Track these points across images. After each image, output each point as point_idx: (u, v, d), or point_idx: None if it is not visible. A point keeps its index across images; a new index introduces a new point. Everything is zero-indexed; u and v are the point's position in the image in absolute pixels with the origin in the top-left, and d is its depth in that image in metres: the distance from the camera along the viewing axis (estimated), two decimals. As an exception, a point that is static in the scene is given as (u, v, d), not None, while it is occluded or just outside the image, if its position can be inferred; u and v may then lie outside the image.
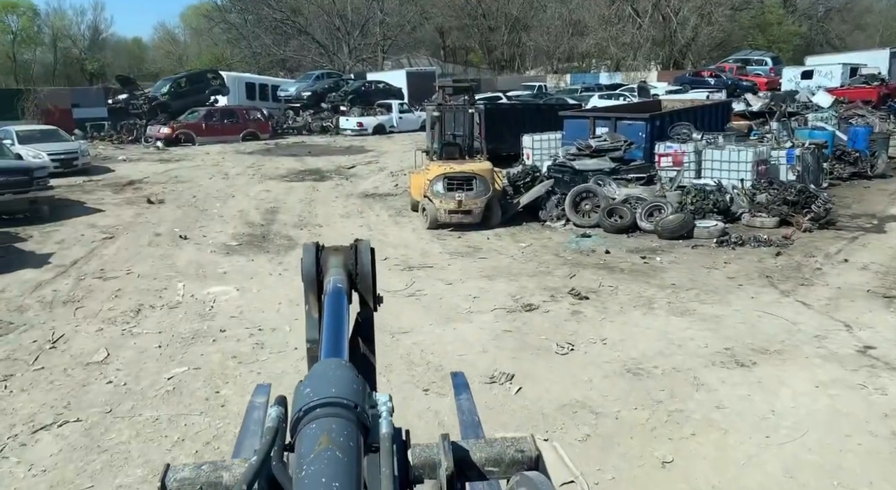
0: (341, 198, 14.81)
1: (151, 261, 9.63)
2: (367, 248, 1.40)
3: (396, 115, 30.05)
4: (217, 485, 0.93)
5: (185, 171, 18.70)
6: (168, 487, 0.92)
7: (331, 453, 0.76)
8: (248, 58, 51.78)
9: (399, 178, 17.39)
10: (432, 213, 11.24)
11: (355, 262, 1.39)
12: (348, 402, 0.84)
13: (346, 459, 0.76)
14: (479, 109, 11.91)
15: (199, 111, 26.13)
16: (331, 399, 0.83)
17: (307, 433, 0.80)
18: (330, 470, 0.74)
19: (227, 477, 0.94)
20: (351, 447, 0.78)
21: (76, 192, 15.26)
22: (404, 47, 50.91)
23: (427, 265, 9.29)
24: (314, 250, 1.37)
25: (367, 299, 1.39)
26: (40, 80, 58.19)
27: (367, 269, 1.38)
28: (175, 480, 0.93)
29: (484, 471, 0.98)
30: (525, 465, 0.98)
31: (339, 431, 0.79)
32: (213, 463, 0.97)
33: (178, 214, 12.94)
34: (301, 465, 0.75)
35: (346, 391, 0.85)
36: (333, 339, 1.13)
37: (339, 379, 0.88)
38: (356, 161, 20.80)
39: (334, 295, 1.25)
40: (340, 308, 1.21)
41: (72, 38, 69.77)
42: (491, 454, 0.99)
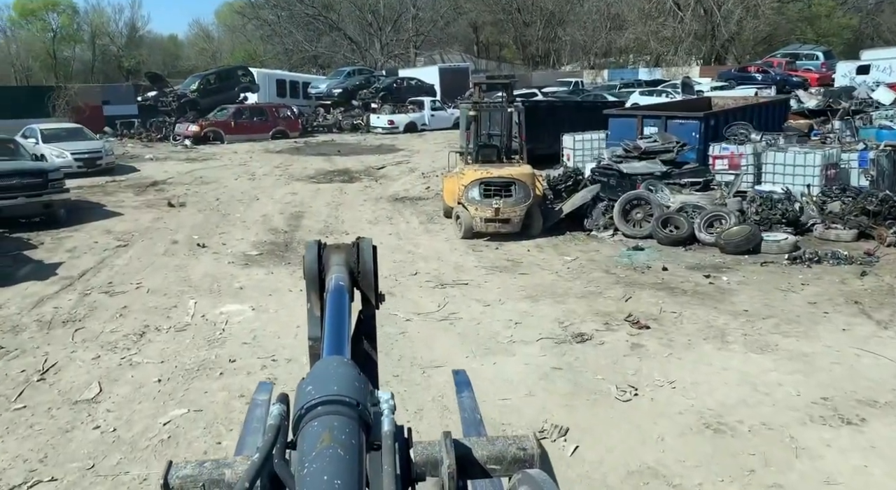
0: (370, 201, 13.98)
1: (164, 273, 8.91)
2: (369, 246, 1.38)
3: (428, 112, 29.18)
4: (219, 482, 0.95)
5: (211, 172, 18.10)
6: (171, 485, 0.94)
7: (333, 451, 0.76)
8: (280, 54, 51.49)
9: (431, 179, 16.51)
10: (467, 221, 10.32)
11: (357, 259, 1.37)
12: (350, 399, 0.84)
13: (348, 457, 0.76)
14: (518, 108, 10.93)
15: (229, 109, 25.62)
16: (333, 397, 0.83)
17: (309, 431, 0.81)
18: (332, 467, 0.74)
19: (230, 474, 0.96)
20: (353, 445, 0.79)
21: (97, 194, 14.73)
22: (437, 43, 50.02)
23: (461, 282, 8.37)
24: (316, 248, 1.37)
25: (369, 297, 1.37)
26: (79, 78, 58.89)
27: (369, 267, 1.36)
28: (178, 478, 0.95)
29: (486, 469, 0.99)
30: (527, 462, 0.98)
31: (340, 429, 0.80)
32: (215, 460, 0.99)
33: (198, 219, 12.25)
34: (303, 463, 0.76)
35: (347, 389, 0.86)
36: (335, 337, 1.13)
37: (341, 377, 0.88)
38: (386, 161, 19.98)
39: (336, 293, 1.24)
40: (342, 306, 1.21)
41: (110, 36, 70.56)
42: (493, 452, 0.99)
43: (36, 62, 64.46)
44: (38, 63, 64.72)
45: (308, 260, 1.36)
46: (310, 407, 0.83)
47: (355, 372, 0.91)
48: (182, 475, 0.95)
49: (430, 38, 48.90)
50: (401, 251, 9.94)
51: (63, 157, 16.57)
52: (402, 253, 9.83)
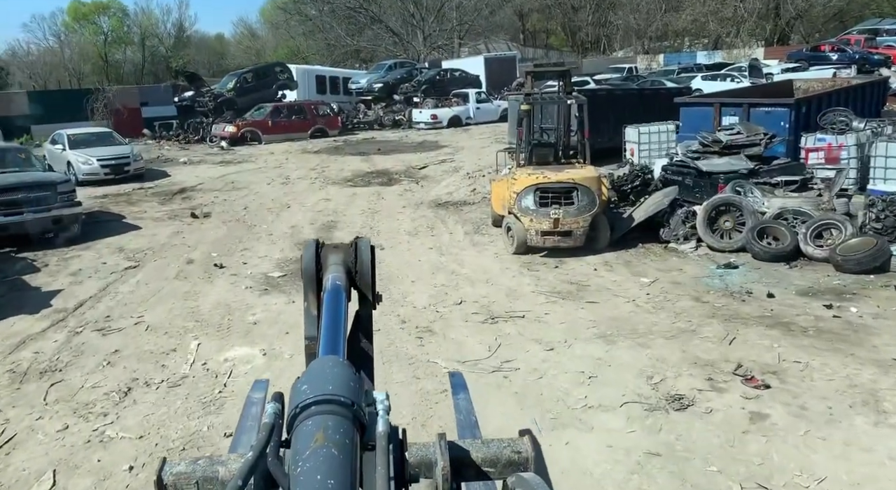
0: (409, 207, 12.59)
1: (172, 302, 7.71)
2: (366, 246, 1.35)
3: (473, 105, 27.62)
4: (213, 479, 0.95)
5: (244, 176, 17.04)
6: (164, 481, 0.93)
7: (326, 450, 0.76)
8: (322, 50, 50.67)
9: (477, 180, 15.01)
10: (520, 234, 8.80)
11: (355, 259, 1.34)
12: (345, 399, 0.83)
13: (342, 457, 0.76)
14: (579, 100, 9.30)
15: (266, 107, 24.65)
16: (327, 396, 0.83)
17: (303, 430, 0.80)
18: (325, 467, 0.74)
19: (223, 472, 0.95)
20: (347, 445, 0.79)
21: (120, 203, 13.79)
22: (481, 32, 48.24)
23: (516, 313, 6.88)
24: (314, 247, 1.35)
25: (367, 296, 1.36)
26: (130, 79, 59.62)
27: (366, 267, 1.34)
28: (171, 475, 0.94)
29: (480, 471, 0.99)
30: (521, 465, 0.99)
31: (335, 429, 0.80)
32: (209, 458, 0.98)
33: (220, 233, 11.09)
34: (297, 462, 0.75)
35: (342, 389, 0.85)
36: (331, 337, 1.13)
37: (336, 376, 0.88)
38: (428, 159, 18.56)
39: (333, 292, 1.24)
40: (339, 305, 1.22)
41: (158, 37, 71.41)
42: (487, 454, 0.99)
43: (88, 65, 65.75)
44: (90, 66, 66.01)
45: (305, 259, 1.32)
46: (304, 406, 0.82)
47: (351, 372, 0.91)
48: (176, 472, 0.94)
49: (475, 27, 47.11)
50: (443, 271, 8.50)
51: (89, 164, 15.77)
52: (445, 274, 8.39)
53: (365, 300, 1.37)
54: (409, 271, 8.60)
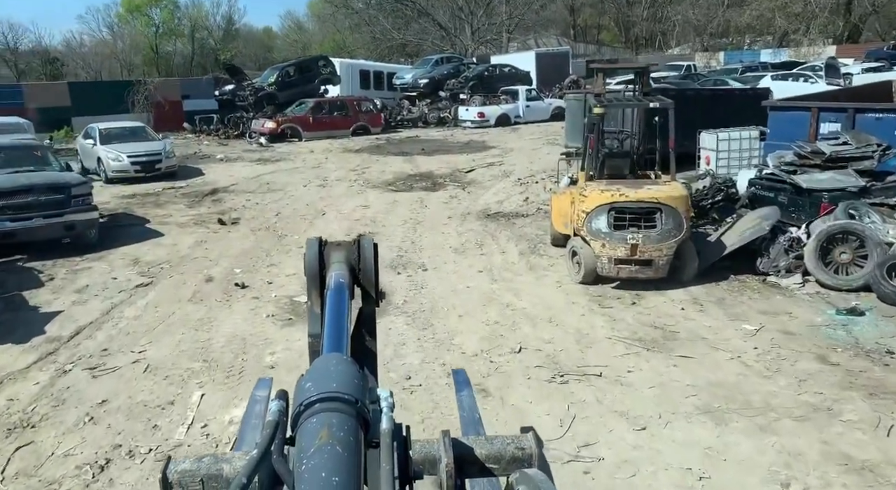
0: (455, 218, 11.30)
1: (181, 333, 6.61)
2: (370, 244, 1.36)
3: (523, 103, 26.18)
4: (218, 477, 0.96)
5: (280, 176, 16.04)
6: (169, 479, 0.95)
7: (331, 448, 0.76)
8: (367, 44, 49.78)
9: (529, 188, 13.65)
10: (589, 261, 7.42)
11: (358, 257, 1.35)
12: (349, 397, 0.83)
13: (347, 454, 0.76)
14: (665, 103, 7.82)
15: (307, 103, 23.71)
16: (331, 394, 0.83)
17: (308, 427, 0.80)
18: (330, 464, 0.74)
19: (228, 469, 0.97)
20: (351, 442, 0.79)
21: (146, 205, 12.89)
22: (531, 27, 46.58)
23: (591, 369, 5.53)
24: (317, 245, 1.36)
25: (370, 294, 1.37)
26: (179, 71, 59.99)
27: (369, 265, 1.35)
28: (176, 472, 0.96)
29: (484, 467, 0.99)
30: (525, 462, 0.99)
31: (339, 426, 0.79)
32: (213, 456, 1.00)
33: (247, 243, 10.01)
34: (301, 459, 0.76)
35: (346, 386, 0.85)
36: (335, 334, 1.13)
37: (340, 374, 0.88)
38: (476, 162, 17.25)
39: (336, 290, 1.25)
40: (342, 303, 1.21)
41: (208, 29, 71.94)
42: (491, 451, 1.00)
43: (138, 57, 66.55)
44: (141, 57, 66.81)
45: (309, 257, 1.34)
46: (308, 403, 0.83)
47: (354, 369, 0.91)
48: (181, 470, 0.95)
49: (525, 21, 45.51)
50: (496, 303, 7.19)
51: (119, 161, 14.98)
52: (499, 307, 7.07)
53: (368, 298, 1.37)
54: (455, 301, 7.32)
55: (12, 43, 66.36)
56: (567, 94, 15.62)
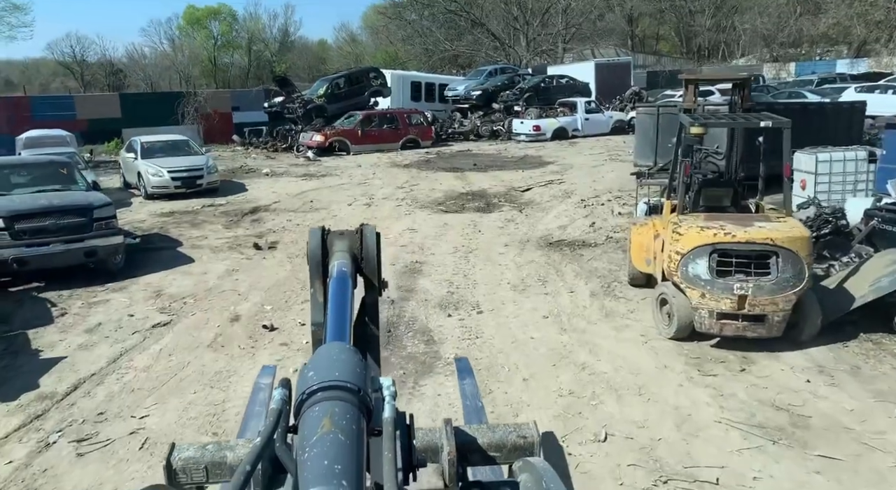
0: (513, 247, 10.06)
1: (192, 393, 5.58)
2: (372, 233, 1.38)
3: (582, 115, 24.79)
4: (221, 464, 0.99)
5: (325, 193, 15.13)
6: (173, 466, 0.98)
7: (333, 436, 0.76)
8: (419, 55, 49.16)
9: (595, 211, 12.30)
10: (684, 313, 6.07)
11: (360, 246, 1.36)
12: (351, 385, 0.83)
13: (349, 442, 0.76)
14: (779, 122, 6.38)
15: (356, 115, 22.92)
16: (333, 382, 0.83)
17: (310, 416, 0.80)
18: (332, 452, 0.74)
19: (231, 457, 0.99)
20: (353, 430, 0.78)
21: (182, 225, 12.10)
22: (589, 37, 45.02)
23: (702, 473, 4.20)
24: (320, 234, 1.39)
25: (373, 283, 1.36)
26: (236, 82, 60.84)
27: (372, 254, 1.35)
28: (180, 459, 0.99)
29: (486, 455, 1.01)
30: (527, 450, 1.01)
31: (341, 414, 0.79)
32: (217, 443, 1.04)
33: (282, 273, 9.01)
34: (304, 447, 0.76)
35: (348, 375, 0.85)
36: (338, 323, 1.13)
37: (343, 363, 0.88)
38: (532, 179, 15.98)
39: (339, 279, 1.26)
40: (345, 292, 1.22)
41: (264, 42, 73.02)
42: (493, 439, 1.02)
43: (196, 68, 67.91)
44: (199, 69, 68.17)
45: (312, 246, 1.36)
46: (311, 392, 0.82)
47: (357, 358, 0.90)
48: (185, 457, 0.97)
49: (582, 31, 44.03)
50: (569, 363, 5.91)
51: (159, 176, 14.32)
52: (573, 369, 5.80)
53: (371, 286, 1.38)
54: (518, 357, 6.08)
55: (79, 55, 68.80)
56: (638, 107, 14.20)
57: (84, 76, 66.97)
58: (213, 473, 0.98)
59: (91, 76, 67.61)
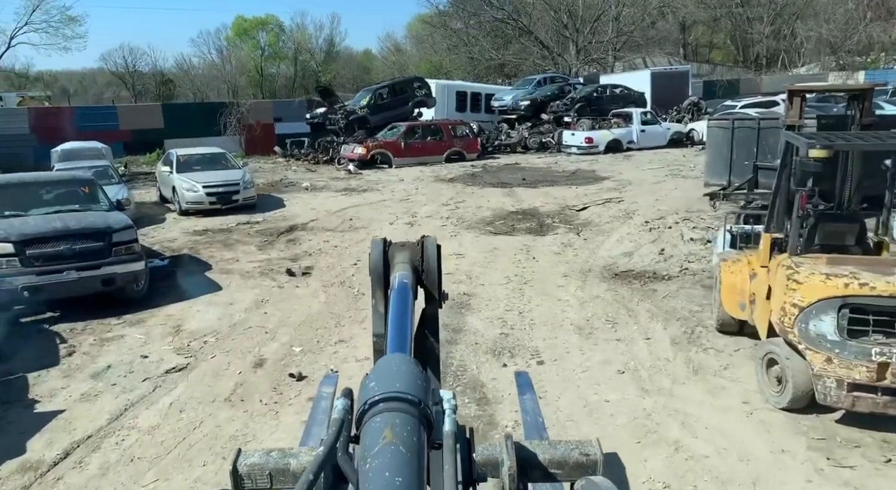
0: (573, 278, 8.94)
1: (202, 463, 4.65)
2: (433, 245, 1.37)
3: (637, 127, 23.48)
4: (285, 471, 1.00)
5: (365, 211, 14.28)
6: (239, 471, 1.00)
7: (394, 448, 0.75)
8: (464, 64, 48.33)
9: (662, 235, 11.08)
10: (802, 380, 4.86)
11: (421, 258, 1.35)
12: (412, 397, 0.83)
13: (410, 455, 0.76)
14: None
15: (399, 127, 22.11)
16: (395, 394, 0.82)
17: (372, 426, 0.80)
18: (393, 464, 0.73)
19: (295, 464, 1.01)
20: (414, 443, 0.78)
21: (214, 245, 11.36)
22: (642, 45, 43.43)
23: None
24: (382, 246, 1.38)
25: (433, 295, 1.36)
26: (282, 92, 61.27)
27: (433, 266, 1.35)
28: (246, 465, 1.01)
29: (547, 472, 1.00)
30: (589, 468, 0.99)
31: (402, 426, 0.79)
32: (281, 450, 1.05)
33: (316, 305, 8.10)
34: (365, 458, 0.75)
35: (410, 387, 0.84)
36: (399, 335, 1.13)
37: (404, 374, 0.87)
38: (588, 197, 14.81)
39: (400, 291, 1.25)
40: (406, 304, 1.22)
41: (310, 52, 73.60)
42: (555, 456, 1.00)
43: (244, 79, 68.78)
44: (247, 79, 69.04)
45: (374, 257, 1.35)
46: (373, 403, 0.82)
47: (418, 370, 0.90)
48: (250, 463, 0.99)
49: (633, 39, 42.49)
50: (658, 442, 4.76)
51: (194, 191, 13.69)
52: (664, 449, 4.65)
53: (431, 299, 1.37)
54: (591, 427, 4.97)
55: (131, 65, 70.47)
56: (710, 120, 12.87)
57: (135, 86, 68.57)
58: (276, 480, 0.98)
59: (142, 86, 69.17)
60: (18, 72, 54.75)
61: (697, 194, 14.26)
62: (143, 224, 13.20)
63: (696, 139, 24.41)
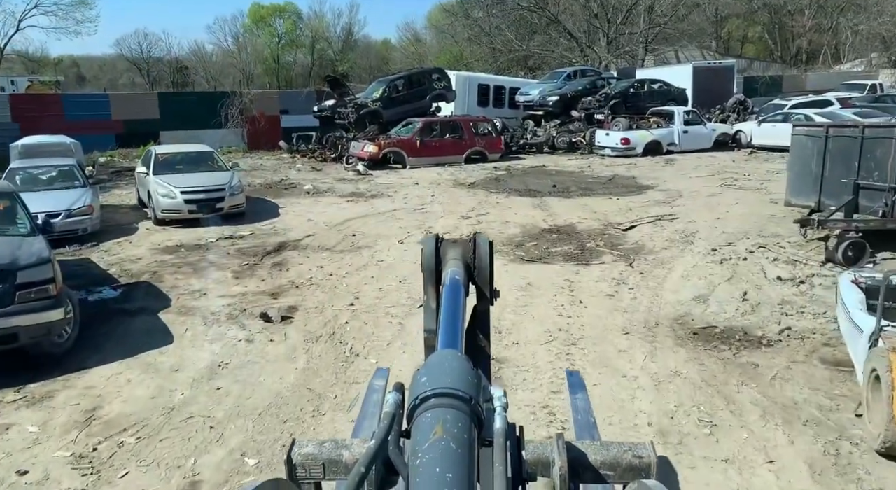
0: (636, 335, 6.72)
1: None
2: (485, 242, 1.38)
3: (679, 127, 21.08)
4: (337, 462, 1.00)
5: (372, 223, 12.15)
6: (294, 461, 1.02)
7: (445, 443, 0.76)
8: (486, 56, 45.91)
9: (738, 267, 8.86)
10: None
11: (474, 255, 1.36)
12: (463, 394, 0.83)
13: (460, 451, 0.76)
14: None
15: (415, 123, 19.90)
16: (446, 390, 0.83)
17: (423, 421, 0.81)
18: (444, 460, 0.74)
19: (347, 455, 1.00)
20: (465, 439, 0.78)
21: (183, 270, 9.29)
22: (678, 37, 40.69)
23: None
24: (434, 241, 1.38)
25: (485, 292, 1.36)
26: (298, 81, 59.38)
27: (485, 263, 1.36)
28: (300, 455, 1.02)
29: (599, 474, 0.96)
30: (643, 472, 0.96)
31: (453, 422, 0.79)
32: (334, 441, 1.04)
33: (291, 375, 5.95)
34: (416, 453, 0.77)
35: (461, 383, 0.85)
36: (450, 331, 1.14)
37: (455, 370, 0.88)
38: (633, 212, 12.57)
39: (452, 287, 1.26)
40: (457, 300, 1.22)
41: (328, 40, 72.04)
42: (607, 457, 0.97)
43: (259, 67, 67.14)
44: (262, 67, 67.38)
45: (426, 253, 1.36)
46: (424, 398, 0.83)
47: (469, 366, 0.90)
48: (304, 453, 1.00)
49: (665, 31, 39.79)
50: None
51: (170, 197, 11.62)
52: None
53: (483, 296, 1.37)
54: None
55: (146, 52, 69.01)
56: (795, 125, 10.48)
57: (150, 73, 67.12)
58: (329, 470, 0.99)
59: (157, 73, 67.71)
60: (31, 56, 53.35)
61: (766, 211, 11.98)
62: (108, 236, 11.19)
63: (743, 142, 21.99)
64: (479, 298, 1.37)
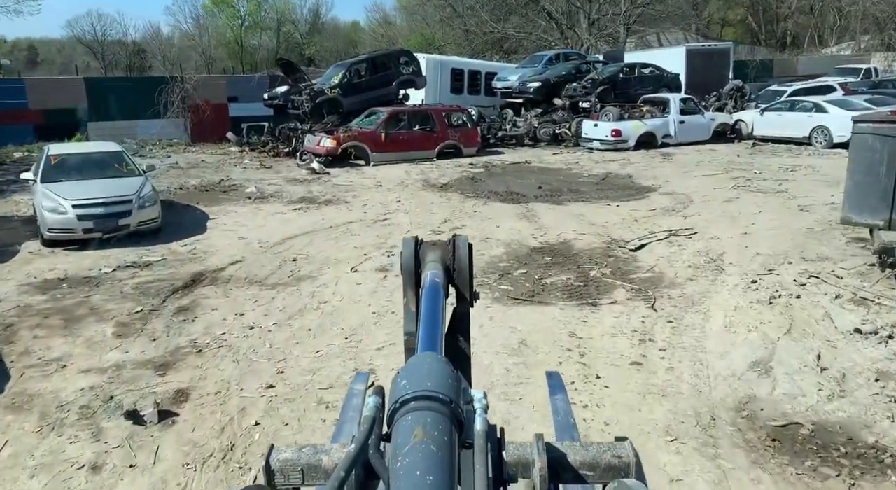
0: (688, 442, 4.48)
1: None
2: (464, 244, 1.35)
3: (675, 117, 18.94)
4: (317, 467, 0.97)
5: (321, 241, 9.77)
6: (272, 467, 0.97)
7: (425, 446, 0.76)
8: (458, 39, 43.36)
9: (793, 310, 6.75)
10: None
11: (453, 257, 1.35)
12: (444, 396, 0.83)
13: (441, 454, 0.76)
14: None
15: (380, 113, 17.44)
16: (426, 392, 0.83)
17: (403, 425, 0.80)
18: (424, 463, 0.74)
19: (326, 460, 0.98)
20: (445, 442, 0.78)
21: (50, 321, 6.79)
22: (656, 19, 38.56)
23: None
24: (413, 244, 1.36)
25: (464, 294, 1.36)
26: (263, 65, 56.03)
27: (464, 264, 1.34)
28: (278, 461, 0.97)
29: (578, 474, 0.98)
30: (622, 471, 0.96)
31: (433, 425, 0.79)
32: (313, 446, 1.01)
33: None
34: (397, 456, 0.76)
35: (441, 385, 0.84)
36: (429, 333, 1.13)
37: (435, 373, 0.88)
38: (639, 223, 10.36)
39: (431, 289, 1.25)
40: (437, 302, 1.21)
41: (294, 22, 68.89)
42: (586, 457, 0.97)
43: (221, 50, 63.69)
44: (224, 51, 63.97)
45: (405, 256, 1.34)
46: (404, 401, 0.82)
47: (449, 369, 0.90)
48: (282, 459, 0.98)
49: (647, 12, 37.64)
50: None
51: (59, 212, 9.06)
52: None
53: (462, 298, 1.35)
54: None
55: (100, 34, 64.93)
56: (857, 120, 8.26)
57: (105, 56, 63.20)
58: (308, 476, 0.96)
59: (113, 57, 63.80)
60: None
61: (798, 223, 9.86)
62: (-28, 265, 8.63)
63: (743, 132, 19.97)
64: (459, 300, 1.34)
